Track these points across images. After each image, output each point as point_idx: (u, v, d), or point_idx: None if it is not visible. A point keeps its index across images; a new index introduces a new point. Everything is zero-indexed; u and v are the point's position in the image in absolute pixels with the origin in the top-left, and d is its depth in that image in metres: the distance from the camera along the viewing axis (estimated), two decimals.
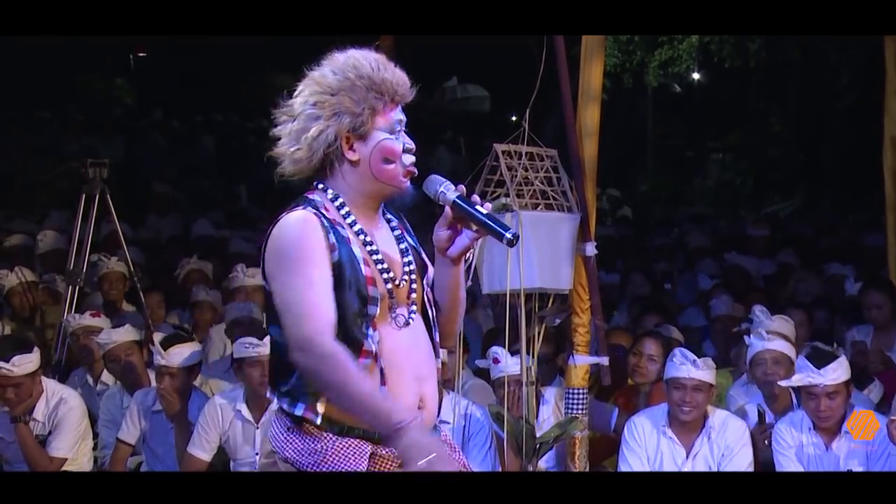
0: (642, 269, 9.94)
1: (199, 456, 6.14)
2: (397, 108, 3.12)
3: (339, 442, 3.02)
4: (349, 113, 3.05)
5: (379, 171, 3.10)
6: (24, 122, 18.03)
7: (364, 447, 3.02)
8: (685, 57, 16.06)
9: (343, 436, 3.02)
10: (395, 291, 3.11)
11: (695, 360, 5.73)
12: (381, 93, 3.08)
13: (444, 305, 3.24)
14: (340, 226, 3.07)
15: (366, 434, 3.02)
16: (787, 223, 14.20)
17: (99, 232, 8.86)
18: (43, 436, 6.27)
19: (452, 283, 3.20)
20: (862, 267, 9.13)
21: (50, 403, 6.27)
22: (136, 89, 23.11)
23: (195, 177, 17.03)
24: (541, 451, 5.72)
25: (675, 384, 5.75)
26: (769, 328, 6.37)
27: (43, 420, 6.26)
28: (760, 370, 6.02)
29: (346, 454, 3.01)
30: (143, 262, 9.57)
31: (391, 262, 3.13)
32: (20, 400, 6.15)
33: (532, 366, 5.74)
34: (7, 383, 6.09)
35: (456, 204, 3.08)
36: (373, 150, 3.09)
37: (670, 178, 21.28)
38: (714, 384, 5.83)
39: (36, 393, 6.23)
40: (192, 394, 6.42)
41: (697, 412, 5.75)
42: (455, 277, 3.19)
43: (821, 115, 17.25)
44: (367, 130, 3.08)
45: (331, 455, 3.01)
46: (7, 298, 8.48)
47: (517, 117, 5.82)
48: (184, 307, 8.68)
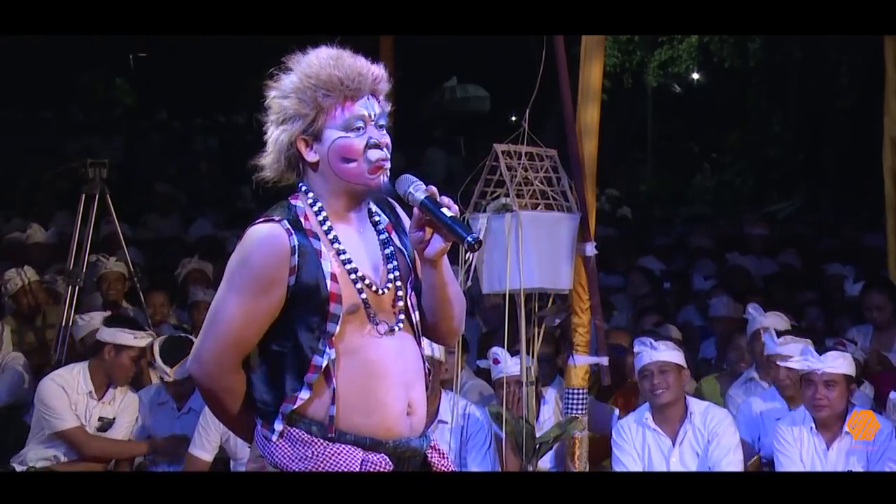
0: (642, 269, 9.94)
1: (201, 456, 6.17)
2: (357, 103, 3.02)
3: (330, 448, 2.99)
4: (298, 115, 3.01)
5: (340, 171, 3.03)
6: (24, 122, 18.05)
7: (355, 453, 2.99)
8: (685, 57, 16.10)
9: (333, 441, 3.00)
10: (374, 300, 3.05)
11: (651, 342, 5.77)
12: (329, 90, 3.00)
13: (432, 306, 3.17)
14: (315, 237, 3.02)
15: (356, 440, 3.00)
16: (786, 223, 14.20)
17: (99, 232, 8.86)
18: (109, 420, 6.50)
19: (437, 281, 3.11)
20: (862, 267, 9.14)
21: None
22: (137, 89, 23.12)
23: (195, 177, 17.02)
24: (541, 451, 5.72)
25: (643, 373, 5.79)
26: (763, 324, 6.39)
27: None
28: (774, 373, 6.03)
29: (336, 461, 2.98)
30: (142, 263, 9.58)
31: (370, 269, 3.08)
32: None
33: (532, 366, 5.74)
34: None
35: (423, 205, 3.00)
36: (328, 151, 3.03)
37: (670, 178, 21.26)
38: (683, 365, 5.84)
39: None
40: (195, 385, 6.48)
41: (671, 393, 5.75)
42: (438, 278, 3.11)
43: (821, 116, 17.25)
44: (319, 130, 3.02)
45: (321, 462, 2.99)
46: (13, 298, 8.49)
47: (517, 117, 5.83)
48: (183, 307, 8.69)
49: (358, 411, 3.00)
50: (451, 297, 3.17)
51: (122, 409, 6.51)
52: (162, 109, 21.36)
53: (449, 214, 2.99)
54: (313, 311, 2.99)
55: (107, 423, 6.46)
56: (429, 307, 3.18)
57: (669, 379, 5.74)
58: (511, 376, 5.82)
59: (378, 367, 3.03)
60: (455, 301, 3.19)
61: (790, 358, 5.78)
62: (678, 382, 5.79)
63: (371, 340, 3.04)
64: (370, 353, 3.03)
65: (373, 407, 3.01)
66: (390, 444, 3.03)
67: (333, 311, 2.99)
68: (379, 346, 3.05)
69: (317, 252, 3.00)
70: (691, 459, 5.75)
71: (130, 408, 6.55)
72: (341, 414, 3.00)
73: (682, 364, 5.83)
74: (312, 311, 2.99)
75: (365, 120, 3.03)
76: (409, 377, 3.09)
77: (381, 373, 3.03)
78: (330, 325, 2.99)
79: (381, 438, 3.02)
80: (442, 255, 3.06)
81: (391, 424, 3.00)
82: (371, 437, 3.01)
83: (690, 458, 5.75)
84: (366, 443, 3.00)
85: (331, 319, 2.99)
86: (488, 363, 6.04)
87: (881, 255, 7.43)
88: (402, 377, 3.07)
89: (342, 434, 3.00)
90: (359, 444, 3.00)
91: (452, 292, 3.17)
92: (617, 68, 15.18)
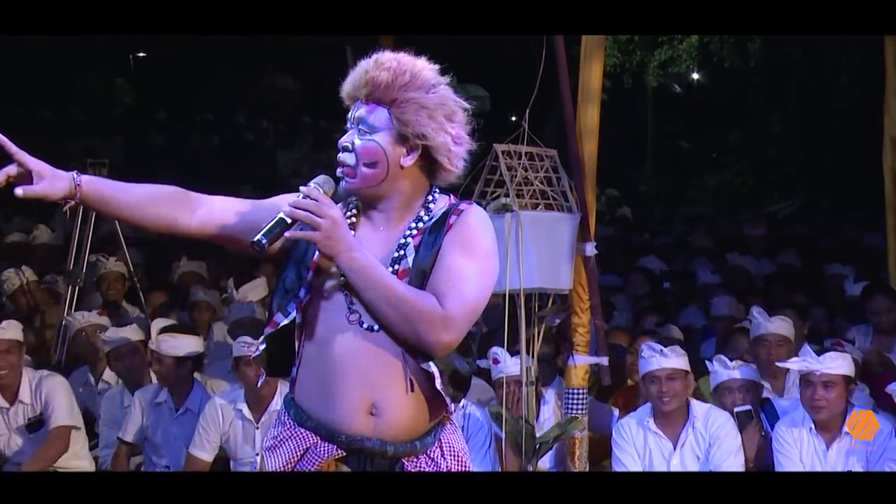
0: (642, 269, 9.94)
1: (201, 456, 6.17)
2: (353, 106, 3.15)
3: (296, 431, 3.11)
4: None
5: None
6: (24, 121, 18.04)
7: (307, 438, 3.09)
8: (685, 57, 16.11)
9: (300, 425, 3.11)
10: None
11: (661, 349, 5.75)
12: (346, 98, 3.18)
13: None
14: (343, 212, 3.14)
15: (317, 427, 3.08)
16: (786, 223, 14.20)
17: (98, 232, 8.86)
18: (35, 417, 6.26)
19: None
20: (862, 267, 9.13)
21: (32, 384, 6.29)
22: (137, 89, 23.13)
23: (195, 176, 17.03)
24: (541, 451, 5.72)
25: (650, 378, 5.77)
26: (769, 329, 6.39)
27: (31, 402, 6.27)
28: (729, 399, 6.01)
29: (294, 445, 3.10)
30: (142, 263, 9.58)
31: None
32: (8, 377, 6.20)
33: (532, 366, 5.74)
34: None
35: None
36: None
37: (670, 178, 21.28)
38: (689, 370, 5.84)
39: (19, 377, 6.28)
40: (193, 387, 6.48)
41: (678, 400, 5.75)
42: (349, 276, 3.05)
43: (821, 116, 17.26)
44: None
45: (283, 443, 3.12)
46: (10, 298, 8.49)
47: (517, 117, 5.82)
48: (183, 307, 8.70)
49: (316, 399, 3.08)
50: (371, 301, 3.03)
51: (43, 399, 6.25)
52: (162, 109, 21.35)
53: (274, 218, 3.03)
54: (293, 269, 3.11)
55: (35, 421, 6.28)
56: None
57: (677, 386, 5.73)
58: (511, 376, 5.82)
59: (340, 361, 3.05)
60: (381, 305, 3.02)
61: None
62: (684, 389, 5.79)
63: (341, 329, 3.06)
64: (337, 341, 3.06)
65: (327, 399, 3.07)
66: (343, 438, 3.06)
67: (308, 278, 3.08)
68: (349, 336, 3.05)
69: None
70: (692, 463, 5.73)
71: (53, 391, 6.25)
72: (303, 399, 3.11)
73: (688, 370, 5.83)
74: (293, 269, 3.11)
75: (351, 121, 3.14)
76: (376, 378, 3.05)
77: (342, 363, 3.05)
78: (301, 290, 3.09)
79: (335, 430, 3.06)
80: (327, 258, 3.04)
81: (345, 420, 3.04)
82: (327, 426, 3.07)
83: (691, 462, 5.73)
84: (322, 432, 3.07)
85: (302, 284, 3.09)
86: (488, 363, 6.04)
87: (881, 255, 7.42)
88: (365, 377, 3.05)
89: (308, 418, 3.09)
90: (316, 432, 3.08)
91: (368, 298, 3.03)
92: (617, 68, 15.19)
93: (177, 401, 6.48)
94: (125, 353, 6.78)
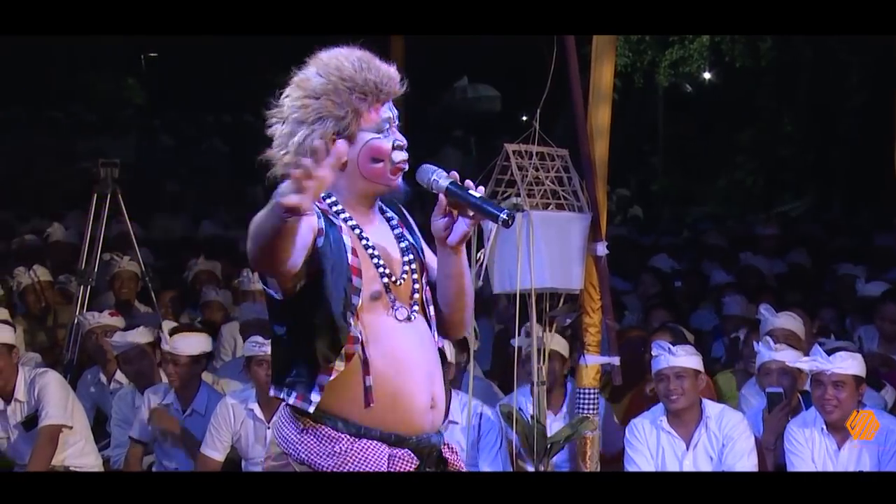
0: (653, 269, 9.93)
1: (213, 456, 6.17)
2: (385, 106, 3.08)
3: (358, 444, 3.00)
4: (332, 117, 3.02)
5: (367, 171, 3.07)
6: (35, 122, 18.08)
7: (381, 449, 3.01)
8: (696, 56, 16.07)
9: (360, 437, 3.01)
10: (394, 289, 3.09)
11: (670, 348, 5.75)
12: (364, 94, 3.03)
13: (449, 295, 3.19)
14: (334, 215, 3.07)
15: (382, 436, 3.02)
16: (797, 223, 14.18)
17: (110, 232, 8.88)
18: (31, 414, 6.24)
19: (455, 271, 3.15)
20: (873, 267, 9.11)
21: (27, 381, 6.26)
22: (147, 89, 23.14)
23: (206, 177, 17.05)
24: (552, 451, 5.72)
25: (659, 377, 5.77)
26: (776, 325, 6.37)
27: (26, 399, 6.25)
28: (768, 380, 6.00)
29: (364, 456, 3.00)
30: (154, 262, 9.60)
31: (389, 259, 3.11)
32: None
33: (543, 366, 5.74)
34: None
35: (449, 190, 3.05)
36: (360, 151, 3.05)
37: (681, 177, 21.24)
38: (700, 369, 5.82)
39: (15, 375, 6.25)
40: (200, 387, 6.47)
41: (686, 399, 5.73)
42: (458, 266, 3.15)
43: (831, 115, 17.21)
44: (353, 132, 3.04)
45: (350, 457, 2.99)
46: (21, 296, 8.50)
47: (528, 117, 5.83)
48: (195, 307, 8.71)
49: (385, 406, 3.02)
50: (466, 286, 3.20)
51: (37, 396, 6.22)
52: (172, 109, 21.35)
53: (477, 195, 3.04)
54: (339, 281, 2.98)
55: (31, 419, 6.26)
56: (445, 298, 3.20)
57: (685, 384, 5.72)
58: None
59: (403, 354, 3.05)
60: (469, 291, 3.23)
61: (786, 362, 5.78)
62: (694, 388, 5.76)
63: (394, 328, 3.06)
64: (394, 340, 3.05)
65: (399, 401, 3.03)
66: (413, 439, 3.05)
67: (356, 284, 3.01)
68: (401, 333, 3.07)
69: (338, 227, 3.05)
70: (705, 463, 5.71)
71: (45, 388, 6.20)
72: (361, 408, 3.00)
73: (699, 369, 5.81)
74: (337, 280, 2.98)
75: (390, 122, 3.09)
76: (432, 367, 3.11)
77: (406, 361, 3.05)
78: (353, 297, 3.00)
79: (405, 434, 3.04)
80: (463, 242, 3.10)
81: (416, 419, 3.03)
82: (396, 432, 3.03)
83: (704, 462, 5.71)
84: (391, 438, 3.02)
85: (353, 292, 3.00)
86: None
87: (892, 254, 7.42)
88: (426, 366, 3.09)
89: (368, 430, 3.02)
90: (384, 440, 3.02)
91: (468, 282, 3.20)
92: (628, 68, 15.15)
93: (183, 403, 6.47)
94: (133, 357, 6.78)
